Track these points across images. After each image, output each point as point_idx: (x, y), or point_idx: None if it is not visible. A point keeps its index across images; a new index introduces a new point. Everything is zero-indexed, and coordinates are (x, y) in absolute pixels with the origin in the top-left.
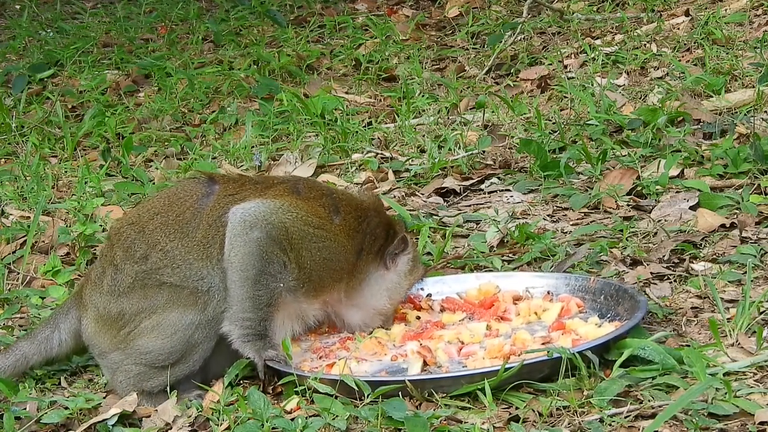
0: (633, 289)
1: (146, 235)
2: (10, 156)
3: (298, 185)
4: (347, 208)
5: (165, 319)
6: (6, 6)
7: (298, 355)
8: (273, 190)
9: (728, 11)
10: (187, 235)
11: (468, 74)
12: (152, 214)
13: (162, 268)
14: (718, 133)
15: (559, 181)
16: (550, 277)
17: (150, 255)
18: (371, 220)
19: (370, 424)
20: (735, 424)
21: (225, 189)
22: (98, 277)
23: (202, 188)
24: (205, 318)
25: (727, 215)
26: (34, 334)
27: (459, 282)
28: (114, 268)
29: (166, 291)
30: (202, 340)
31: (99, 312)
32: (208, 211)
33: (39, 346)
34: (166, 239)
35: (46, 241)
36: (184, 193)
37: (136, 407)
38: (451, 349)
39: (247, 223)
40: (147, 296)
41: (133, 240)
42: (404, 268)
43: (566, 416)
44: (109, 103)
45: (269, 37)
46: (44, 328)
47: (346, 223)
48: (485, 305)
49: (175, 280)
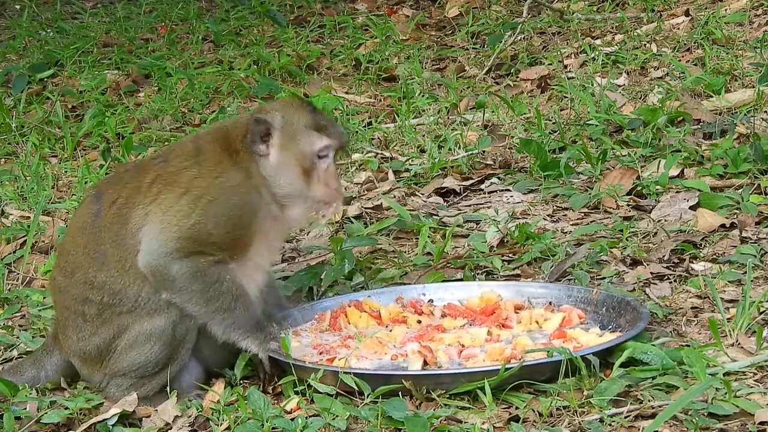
0: (636, 301)
1: (75, 278)
2: (10, 156)
3: (168, 156)
4: (206, 139)
5: (138, 334)
6: (6, 6)
7: (297, 351)
8: (144, 186)
9: (728, 11)
10: (104, 263)
11: (468, 74)
12: (67, 254)
13: (108, 301)
14: (718, 133)
15: (559, 181)
16: (553, 288)
17: (89, 296)
18: (229, 134)
19: (370, 424)
20: (735, 424)
21: (109, 199)
22: (64, 330)
23: (92, 207)
24: (176, 315)
25: (727, 215)
26: (20, 372)
27: (460, 289)
28: (72, 316)
29: (126, 315)
30: (184, 334)
31: (79, 356)
32: (105, 230)
33: (26, 384)
34: (92, 275)
35: (46, 241)
36: (81, 220)
37: (136, 407)
38: (451, 351)
39: (160, 272)
40: (112, 326)
41: (67, 287)
42: (278, 142)
43: (566, 416)
44: (109, 103)
45: (269, 37)
46: (30, 368)
47: (213, 155)
48: (486, 312)
49: (126, 307)
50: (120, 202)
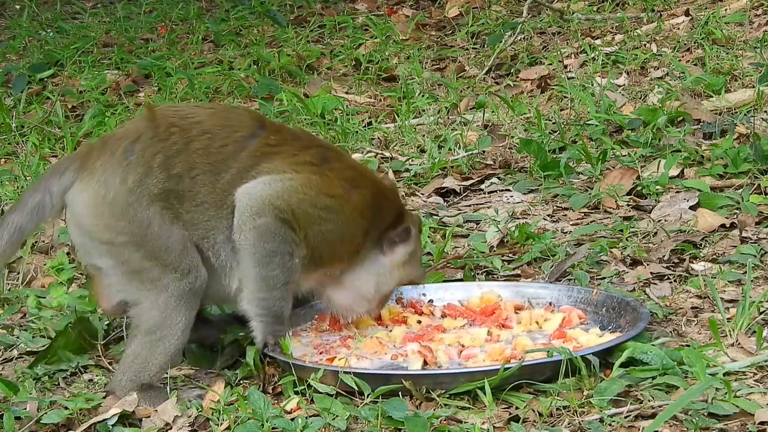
0: (636, 301)
1: (189, 154)
2: (10, 156)
3: (327, 154)
4: (366, 182)
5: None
6: (6, 6)
7: (298, 351)
8: (299, 158)
9: (728, 11)
10: (218, 174)
11: (468, 74)
12: (201, 131)
13: (184, 197)
14: (718, 133)
15: (559, 181)
16: (553, 289)
17: (183, 178)
18: (386, 200)
19: (370, 424)
20: (735, 424)
21: (267, 138)
22: (125, 162)
23: (250, 125)
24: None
25: (727, 215)
26: (23, 202)
27: (460, 290)
28: (147, 168)
29: (155, 264)
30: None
31: (103, 196)
32: (245, 155)
33: (31, 214)
34: (202, 167)
35: (46, 241)
36: (235, 121)
37: (136, 407)
38: (451, 351)
39: (253, 209)
40: (147, 235)
41: (177, 152)
42: (400, 259)
43: (566, 416)
44: (109, 103)
45: (269, 37)
46: (34, 193)
47: (363, 199)
48: (486, 313)
49: (186, 219)
50: (271, 150)
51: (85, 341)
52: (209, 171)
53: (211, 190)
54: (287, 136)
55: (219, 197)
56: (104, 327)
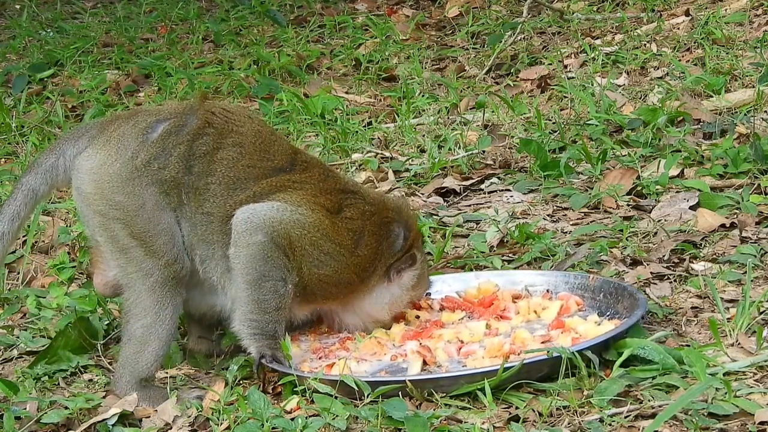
0: (632, 287)
1: (213, 159)
2: (10, 156)
3: (346, 201)
4: (373, 228)
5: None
6: (6, 6)
7: (297, 356)
8: (318, 199)
9: (728, 11)
10: (234, 190)
11: (468, 74)
12: (235, 143)
13: (192, 197)
14: (718, 133)
15: (559, 181)
16: (550, 275)
17: (199, 179)
18: (396, 238)
19: (370, 424)
20: (735, 424)
21: (293, 175)
22: (142, 138)
23: (285, 159)
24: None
25: (727, 215)
26: (37, 164)
27: (458, 281)
28: (163, 152)
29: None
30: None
31: (109, 165)
32: (267, 183)
33: (44, 176)
34: (220, 177)
35: (46, 241)
36: (273, 149)
37: (136, 407)
38: (450, 349)
39: (251, 224)
40: (138, 215)
41: (203, 152)
42: (408, 283)
43: (566, 416)
44: (109, 103)
45: (269, 37)
46: (48, 156)
47: (368, 251)
48: (484, 304)
49: (187, 218)
50: (295, 182)
51: (85, 341)
52: (226, 184)
53: (221, 204)
54: (314, 175)
55: (227, 213)
56: (104, 327)
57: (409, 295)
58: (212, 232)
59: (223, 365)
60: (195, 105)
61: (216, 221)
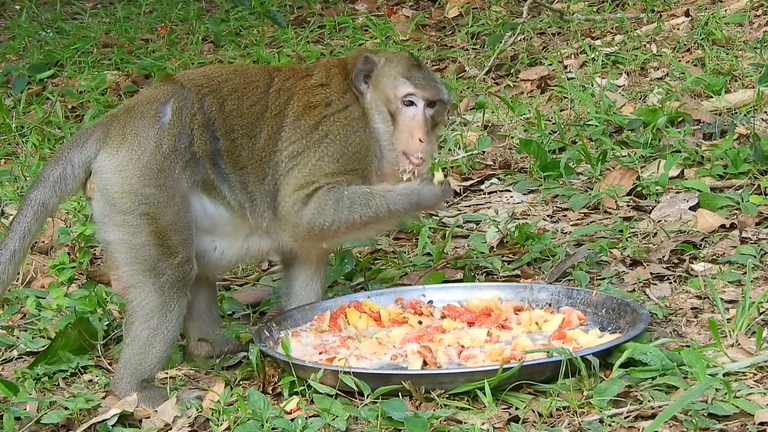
0: (635, 302)
1: (225, 116)
2: (10, 156)
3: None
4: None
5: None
6: (6, 6)
7: (297, 351)
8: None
9: (728, 11)
10: (253, 137)
11: (468, 74)
12: (231, 90)
13: (224, 158)
14: (718, 134)
15: (559, 181)
16: (553, 290)
17: (223, 140)
18: (350, 69)
19: (370, 424)
20: (735, 425)
21: (279, 82)
22: (157, 125)
23: (263, 79)
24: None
25: (727, 215)
26: (44, 177)
27: (460, 290)
28: (184, 130)
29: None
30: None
31: (136, 160)
32: (269, 116)
33: (53, 188)
34: (239, 131)
35: (46, 241)
36: (255, 77)
37: (136, 408)
38: (451, 352)
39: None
40: (168, 206)
41: (215, 115)
42: (374, 83)
43: (566, 417)
44: (109, 104)
45: (269, 37)
46: (54, 167)
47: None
48: (486, 314)
49: (227, 194)
50: (287, 91)
51: (84, 341)
52: (246, 134)
53: (251, 153)
54: (294, 72)
55: (261, 159)
56: (104, 327)
57: (385, 93)
58: (252, 182)
59: (223, 365)
60: (172, 79)
61: (252, 172)
